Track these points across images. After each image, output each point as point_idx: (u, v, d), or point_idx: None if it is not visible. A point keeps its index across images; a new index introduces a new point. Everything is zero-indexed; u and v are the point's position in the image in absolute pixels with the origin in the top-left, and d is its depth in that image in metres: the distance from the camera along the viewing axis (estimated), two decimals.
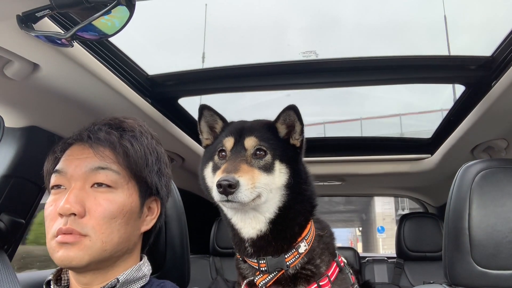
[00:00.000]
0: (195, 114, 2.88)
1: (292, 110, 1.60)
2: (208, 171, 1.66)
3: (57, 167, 1.27)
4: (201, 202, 4.08)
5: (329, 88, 2.58)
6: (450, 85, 2.79)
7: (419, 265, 3.79)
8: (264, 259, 1.55)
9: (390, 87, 2.98)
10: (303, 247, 1.56)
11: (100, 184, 1.23)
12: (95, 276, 1.25)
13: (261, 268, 1.55)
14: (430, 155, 3.34)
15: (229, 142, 1.60)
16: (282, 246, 1.55)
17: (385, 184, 4.41)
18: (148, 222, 1.37)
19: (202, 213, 4.09)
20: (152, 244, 1.49)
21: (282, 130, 1.65)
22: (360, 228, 29.83)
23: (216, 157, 1.63)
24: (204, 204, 4.13)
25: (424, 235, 3.78)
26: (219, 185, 1.41)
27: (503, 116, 2.17)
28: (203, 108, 1.74)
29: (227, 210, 1.61)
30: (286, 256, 1.54)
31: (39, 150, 1.35)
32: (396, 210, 21.49)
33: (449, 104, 2.70)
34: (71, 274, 1.31)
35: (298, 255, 1.54)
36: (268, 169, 1.54)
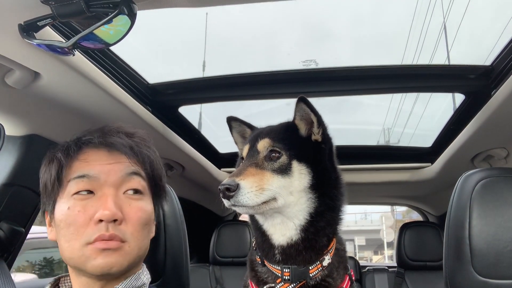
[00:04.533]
0: (195, 123, 2.89)
1: (301, 102, 1.53)
2: None
3: (85, 172, 1.23)
4: (201, 211, 4.09)
5: (328, 97, 2.59)
6: (450, 94, 2.79)
7: (419, 274, 3.77)
8: (289, 268, 1.49)
9: (388, 96, 2.99)
10: (327, 260, 1.51)
11: (134, 191, 1.25)
12: (99, 283, 1.24)
13: (285, 277, 1.49)
14: (430, 164, 3.34)
15: (245, 149, 1.59)
16: (310, 257, 1.50)
17: (385, 193, 4.41)
18: (153, 229, 1.38)
19: (202, 222, 4.09)
20: (152, 253, 1.48)
21: (302, 127, 1.59)
22: None
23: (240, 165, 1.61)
24: (204, 213, 4.15)
25: (424, 244, 3.77)
26: (219, 190, 1.40)
27: (503, 125, 2.18)
28: (231, 120, 1.74)
29: (259, 217, 1.57)
30: (310, 268, 1.49)
31: (40, 158, 1.34)
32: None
33: (449, 113, 2.70)
34: (73, 282, 1.30)
35: (321, 268, 1.49)
36: (284, 170, 1.48)
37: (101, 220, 1.17)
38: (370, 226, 35.09)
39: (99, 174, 1.23)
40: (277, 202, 1.46)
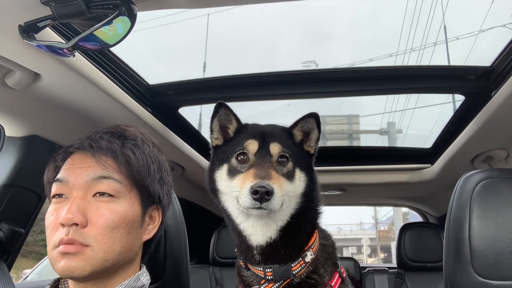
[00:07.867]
0: (195, 124, 2.89)
1: (313, 118, 1.60)
2: (221, 173, 1.57)
3: (58, 176, 1.26)
4: (201, 212, 4.09)
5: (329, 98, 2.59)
6: (450, 95, 2.79)
7: (419, 275, 3.76)
8: (271, 267, 1.50)
9: (388, 97, 2.99)
10: (309, 256, 1.52)
11: (102, 194, 1.23)
12: (95, 285, 1.25)
13: (267, 277, 1.50)
14: (430, 165, 3.34)
15: (252, 146, 1.53)
16: (290, 254, 1.51)
17: (386, 194, 4.41)
18: (150, 231, 1.36)
19: (202, 223, 4.08)
20: (152, 254, 1.48)
21: (298, 136, 1.64)
22: None
23: (233, 160, 1.54)
24: (204, 213, 4.15)
25: (424, 245, 3.76)
26: (255, 192, 1.36)
27: (503, 126, 2.17)
28: (220, 106, 1.66)
29: (237, 216, 1.56)
30: (292, 265, 1.50)
31: (40, 159, 1.35)
32: None
33: (449, 114, 2.70)
34: (71, 283, 1.31)
35: (304, 264, 1.50)
36: (290, 176, 1.51)
37: (63, 224, 1.17)
38: (363, 235, 39.78)
39: (68, 177, 1.24)
40: (282, 206, 1.46)
